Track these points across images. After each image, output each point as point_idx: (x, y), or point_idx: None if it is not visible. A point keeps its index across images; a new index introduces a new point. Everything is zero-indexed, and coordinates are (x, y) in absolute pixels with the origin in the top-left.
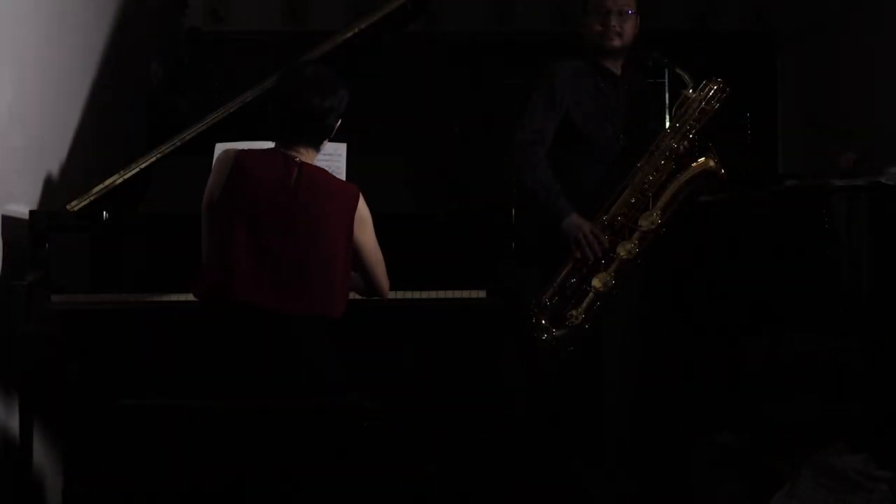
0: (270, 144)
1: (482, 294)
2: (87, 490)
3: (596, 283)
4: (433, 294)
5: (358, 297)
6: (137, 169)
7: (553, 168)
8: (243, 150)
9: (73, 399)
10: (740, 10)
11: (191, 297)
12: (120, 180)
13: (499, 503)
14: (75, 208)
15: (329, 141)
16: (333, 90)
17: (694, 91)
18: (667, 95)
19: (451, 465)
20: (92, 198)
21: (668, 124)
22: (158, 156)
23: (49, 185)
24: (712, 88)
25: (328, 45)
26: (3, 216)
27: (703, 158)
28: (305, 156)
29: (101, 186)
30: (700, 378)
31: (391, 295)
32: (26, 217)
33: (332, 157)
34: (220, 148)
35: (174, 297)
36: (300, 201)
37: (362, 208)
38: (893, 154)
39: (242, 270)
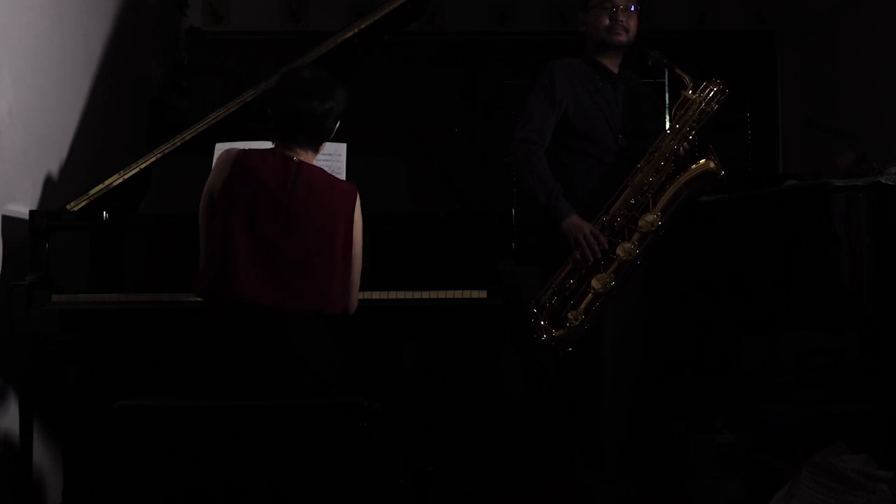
0: (270, 144)
1: (482, 294)
2: (87, 490)
3: (595, 284)
4: (433, 294)
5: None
6: (137, 169)
7: (552, 167)
8: (244, 150)
9: (73, 399)
10: (740, 10)
11: (191, 296)
12: (120, 180)
13: (499, 503)
14: (75, 208)
15: (329, 141)
16: (331, 93)
17: (694, 92)
18: (667, 95)
19: (451, 465)
20: (92, 198)
21: (667, 125)
22: (158, 156)
23: (49, 185)
24: (712, 90)
25: (328, 45)
26: (3, 216)
27: (703, 160)
28: (304, 156)
29: (101, 186)
30: (700, 378)
31: (391, 295)
32: (26, 217)
33: (332, 157)
34: (219, 148)
35: (174, 297)
36: (299, 200)
37: (358, 209)
38: (893, 154)
39: (243, 269)
